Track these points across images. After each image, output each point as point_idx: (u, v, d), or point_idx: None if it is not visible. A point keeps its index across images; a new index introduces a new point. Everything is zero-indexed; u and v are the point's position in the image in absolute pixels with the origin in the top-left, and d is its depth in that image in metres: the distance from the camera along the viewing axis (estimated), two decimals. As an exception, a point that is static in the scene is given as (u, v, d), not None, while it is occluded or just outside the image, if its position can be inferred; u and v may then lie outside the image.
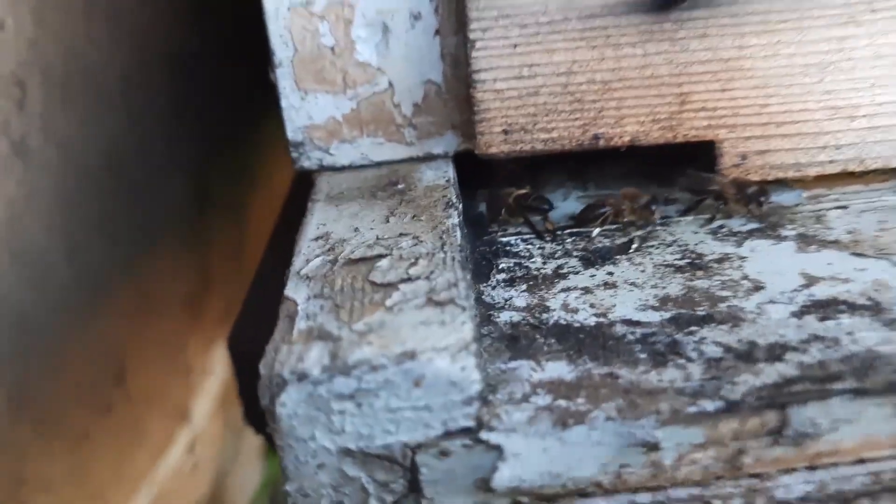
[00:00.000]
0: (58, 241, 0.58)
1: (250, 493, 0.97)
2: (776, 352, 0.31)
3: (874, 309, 0.33)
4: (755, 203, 0.41)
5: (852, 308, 0.33)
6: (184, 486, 0.83)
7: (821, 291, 0.35)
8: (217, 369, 0.91)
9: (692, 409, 0.29)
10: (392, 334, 0.29)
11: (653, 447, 0.29)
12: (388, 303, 0.32)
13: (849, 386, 0.29)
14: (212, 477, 0.89)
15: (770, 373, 0.30)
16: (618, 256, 0.40)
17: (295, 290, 0.33)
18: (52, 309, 0.58)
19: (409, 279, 0.33)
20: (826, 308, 0.34)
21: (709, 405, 0.29)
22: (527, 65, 0.40)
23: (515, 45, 0.40)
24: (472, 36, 0.39)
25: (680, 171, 0.43)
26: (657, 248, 0.40)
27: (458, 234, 0.36)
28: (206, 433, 0.88)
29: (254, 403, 0.51)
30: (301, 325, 0.31)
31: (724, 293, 0.35)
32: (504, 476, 0.29)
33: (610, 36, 0.39)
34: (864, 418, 0.29)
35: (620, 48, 0.39)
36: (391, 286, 0.33)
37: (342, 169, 0.45)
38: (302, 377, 0.28)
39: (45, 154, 0.56)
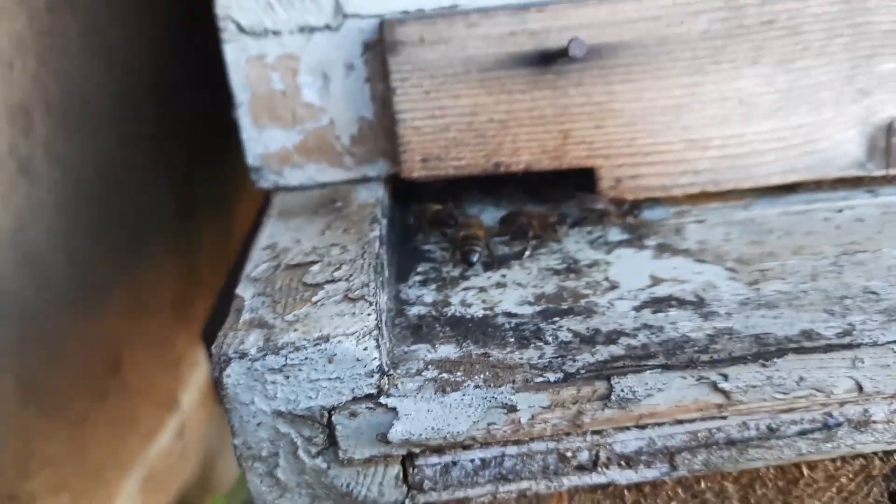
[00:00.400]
0: (59, 247, 0.67)
1: (235, 474, 1.06)
2: (612, 337, 0.40)
3: (698, 304, 0.42)
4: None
5: (681, 303, 0.43)
6: (173, 468, 0.93)
7: (661, 290, 0.44)
8: (204, 362, 1.00)
9: (539, 379, 0.38)
10: (314, 323, 0.39)
11: (511, 408, 0.38)
12: (314, 299, 0.41)
13: (659, 362, 0.38)
14: (199, 459, 0.99)
15: (603, 352, 0.39)
16: (513, 262, 0.49)
17: (244, 290, 0.42)
18: (54, 307, 0.67)
19: (332, 280, 0.42)
20: (660, 303, 0.43)
21: (552, 376, 0.38)
22: (438, 107, 0.49)
23: (428, 92, 0.49)
24: (393, 85, 0.49)
25: (570, 192, 0.53)
26: (545, 255, 0.49)
27: (377, 244, 0.46)
28: (194, 419, 0.97)
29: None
30: (245, 316, 0.40)
31: (587, 291, 0.45)
32: (398, 431, 0.38)
33: (503, 84, 0.49)
34: (672, 387, 0.38)
35: (512, 94, 0.49)
36: (318, 286, 0.42)
37: (293, 189, 0.54)
38: (242, 355, 0.37)
39: (47, 172, 0.65)
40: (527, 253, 0.50)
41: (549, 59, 0.48)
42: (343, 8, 0.49)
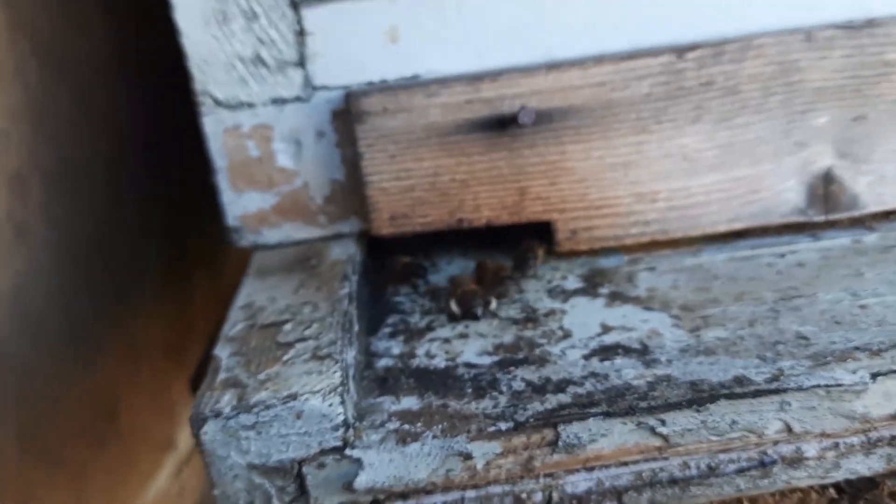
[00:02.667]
0: (56, 305, 0.70)
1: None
2: (562, 385, 0.44)
3: (642, 352, 0.46)
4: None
5: (626, 351, 0.46)
6: (171, 508, 0.95)
7: (609, 338, 0.47)
8: (198, 404, 1.03)
9: (492, 429, 0.41)
10: (283, 382, 0.42)
11: (467, 456, 0.41)
12: (285, 358, 0.44)
13: (602, 410, 0.41)
14: (198, 497, 1.01)
15: (552, 401, 0.42)
16: (477, 311, 0.52)
17: (221, 350, 0.46)
18: (52, 361, 0.71)
19: (303, 339, 0.46)
20: (608, 351, 0.46)
21: (504, 425, 0.41)
22: (403, 169, 0.53)
23: (393, 156, 0.53)
24: (360, 150, 0.52)
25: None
26: (507, 304, 0.53)
27: (346, 301, 0.49)
28: (192, 460, 1.00)
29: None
30: (221, 376, 0.43)
31: (542, 340, 0.48)
32: (362, 480, 0.41)
33: (462, 148, 0.52)
34: (614, 432, 0.41)
35: (471, 156, 0.52)
36: (289, 345, 0.45)
37: (271, 247, 0.58)
38: (217, 414, 0.41)
39: (44, 235, 0.69)
40: (492, 304, 0.53)
41: (504, 124, 0.51)
42: (312, 81, 0.53)
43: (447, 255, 0.60)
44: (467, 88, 0.51)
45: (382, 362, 0.48)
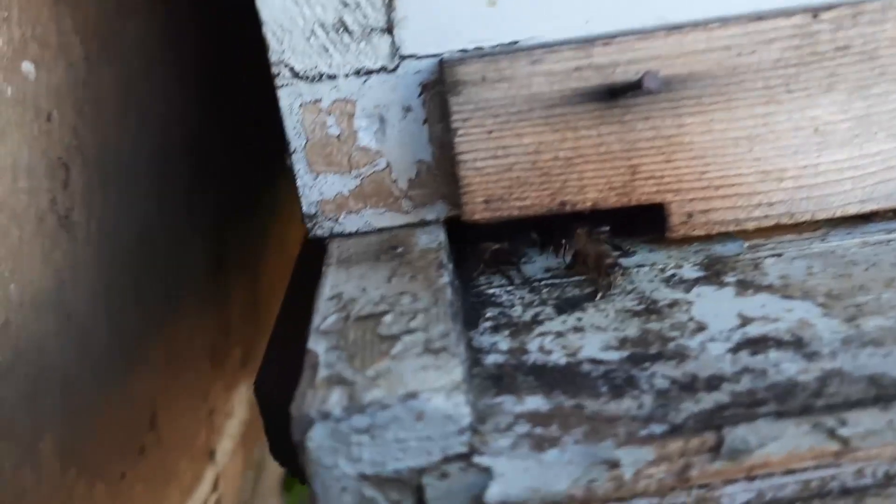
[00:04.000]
0: (99, 307, 0.65)
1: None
2: (713, 382, 0.38)
3: (797, 344, 0.40)
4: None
5: (779, 344, 0.40)
6: (208, 524, 0.89)
7: (753, 330, 0.42)
8: (237, 412, 0.98)
9: (644, 432, 0.36)
10: (397, 378, 0.36)
11: (614, 465, 0.36)
12: (393, 352, 0.38)
13: (772, 409, 0.36)
14: (232, 514, 0.95)
15: (708, 400, 0.37)
16: (586, 304, 0.47)
17: (316, 344, 0.40)
18: (94, 369, 0.65)
19: (409, 331, 0.40)
20: (757, 344, 0.40)
21: (657, 428, 0.36)
22: (501, 147, 0.48)
23: (490, 132, 0.47)
24: (454, 125, 0.47)
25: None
26: (619, 295, 0.47)
27: (449, 291, 0.43)
28: (229, 471, 0.94)
29: (278, 439, 0.57)
30: (322, 373, 0.38)
31: (673, 333, 0.42)
32: (494, 492, 0.35)
33: (569, 121, 0.47)
34: (786, 435, 0.36)
35: (578, 130, 0.47)
36: (395, 338, 0.40)
37: (349, 235, 0.52)
38: (326, 416, 0.35)
39: (86, 228, 0.64)
40: (599, 294, 0.47)
41: (616, 94, 0.46)
42: (400, 49, 0.48)
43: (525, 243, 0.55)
44: (577, 54, 0.46)
45: (491, 358, 0.43)
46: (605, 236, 0.53)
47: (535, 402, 0.38)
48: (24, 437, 0.57)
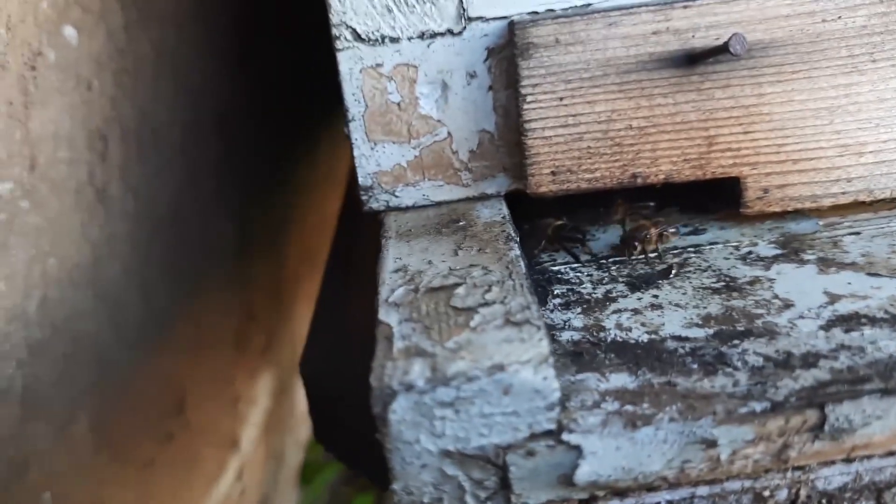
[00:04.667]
0: (133, 282, 0.63)
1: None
2: (810, 360, 0.36)
3: (892, 321, 0.38)
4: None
5: (872, 321, 0.38)
6: (231, 513, 0.87)
7: (843, 307, 0.40)
8: (260, 399, 0.95)
9: (743, 410, 0.34)
10: (480, 350, 0.34)
11: (711, 444, 0.34)
12: (472, 324, 0.36)
13: (876, 386, 0.34)
14: (256, 502, 0.93)
15: (807, 377, 0.35)
16: (660, 281, 0.45)
17: (387, 315, 0.38)
18: (128, 345, 0.63)
19: (486, 304, 0.38)
20: (849, 321, 0.38)
21: (757, 406, 0.34)
22: (571, 115, 0.45)
23: (561, 98, 0.45)
24: (523, 91, 0.45)
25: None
26: (694, 273, 0.45)
27: (522, 264, 0.41)
28: (252, 460, 0.92)
29: (323, 422, 0.55)
30: (399, 344, 0.36)
31: (759, 311, 0.40)
32: (584, 472, 0.33)
33: (644, 88, 0.45)
34: (891, 414, 0.34)
35: (653, 98, 0.45)
36: (471, 310, 0.37)
37: (406, 209, 0.50)
38: (409, 388, 0.33)
39: (122, 201, 0.61)
40: (673, 271, 0.45)
41: (695, 59, 0.44)
42: (467, 10, 0.46)
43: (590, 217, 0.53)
44: (655, 17, 0.44)
45: (566, 335, 0.41)
46: (649, 211, 0.51)
47: (621, 379, 0.36)
48: (59, 418, 0.54)
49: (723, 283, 0.43)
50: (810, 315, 0.39)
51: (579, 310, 0.43)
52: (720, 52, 0.42)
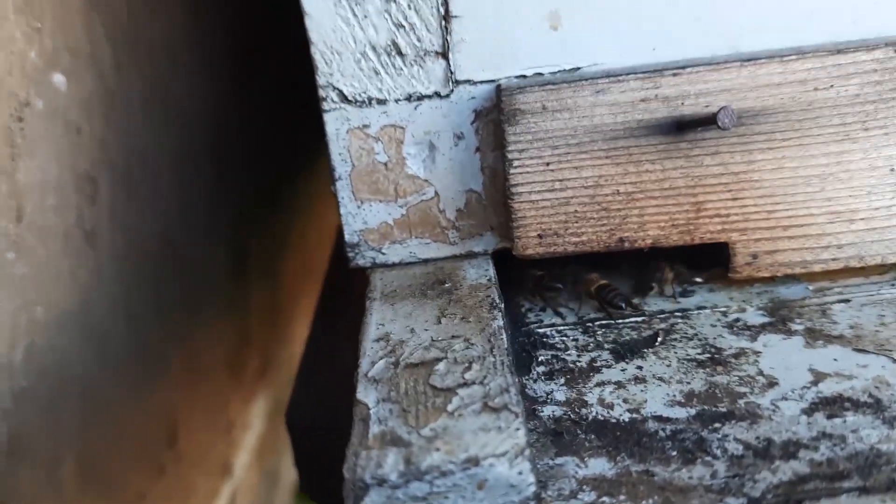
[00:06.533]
0: (121, 319, 0.63)
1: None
2: (790, 449, 0.36)
3: (875, 406, 0.38)
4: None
5: (856, 405, 0.38)
6: (224, 538, 0.87)
7: (827, 388, 0.39)
8: (254, 423, 0.96)
9: (719, 506, 0.33)
10: (456, 440, 0.34)
11: (686, 539, 0.33)
12: (450, 408, 0.36)
13: (855, 484, 0.33)
14: (249, 528, 0.94)
15: (786, 470, 0.35)
16: (645, 350, 0.44)
17: (365, 394, 0.38)
18: (115, 382, 0.63)
19: (465, 384, 0.38)
20: (832, 405, 0.38)
21: (734, 502, 0.33)
22: (558, 179, 0.45)
23: (548, 164, 0.45)
24: (510, 156, 0.45)
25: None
26: (680, 341, 0.45)
27: (504, 336, 0.41)
28: (245, 484, 0.92)
29: (310, 472, 0.55)
30: (374, 429, 0.35)
31: (742, 389, 0.40)
32: (556, 565, 0.33)
33: (632, 154, 0.44)
34: (869, 511, 0.33)
35: (641, 164, 0.44)
36: (450, 391, 0.37)
37: (393, 266, 0.50)
38: (382, 482, 0.33)
39: (111, 241, 0.61)
40: (658, 339, 0.45)
41: (684, 128, 0.43)
42: (455, 73, 0.45)
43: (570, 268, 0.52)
44: (644, 84, 0.43)
45: (548, 410, 0.40)
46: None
47: (600, 466, 0.36)
48: (45, 461, 0.55)
49: (708, 356, 0.43)
50: (794, 396, 0.39)
51: (563, 380, 0.43)
52: (708, 122, 0.41)
